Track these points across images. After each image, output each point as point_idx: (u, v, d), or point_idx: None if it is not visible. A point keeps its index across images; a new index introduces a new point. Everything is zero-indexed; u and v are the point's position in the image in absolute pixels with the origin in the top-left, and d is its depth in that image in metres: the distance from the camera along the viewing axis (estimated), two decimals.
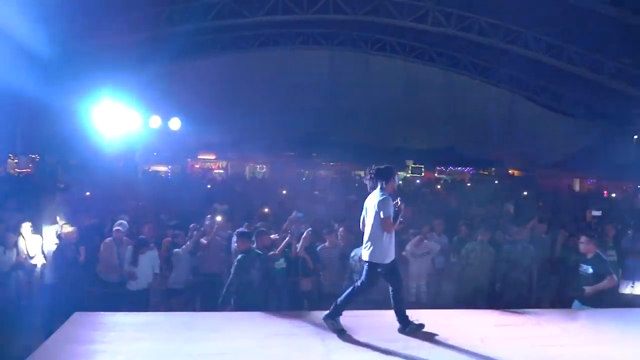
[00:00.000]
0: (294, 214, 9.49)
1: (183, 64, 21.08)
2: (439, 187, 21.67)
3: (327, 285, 7.42)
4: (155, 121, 17.94)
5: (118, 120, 14.72)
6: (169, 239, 8.59)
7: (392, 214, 4.87)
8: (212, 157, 28.00)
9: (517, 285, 7.44)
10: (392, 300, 5.06)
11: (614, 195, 18.91)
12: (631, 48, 17.69)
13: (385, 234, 4.89)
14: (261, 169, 28.06)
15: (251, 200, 13.58)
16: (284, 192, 16.84)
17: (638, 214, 11.71)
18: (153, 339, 4.86)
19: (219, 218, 8.38)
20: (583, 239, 6.40)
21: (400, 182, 25.40)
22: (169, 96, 18.98)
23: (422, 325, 5.00)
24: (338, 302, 5.02)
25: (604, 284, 5.96)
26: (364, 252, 5.03)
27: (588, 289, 5.97)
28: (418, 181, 24.24)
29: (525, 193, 19.39)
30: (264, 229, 7.38)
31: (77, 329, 5.03)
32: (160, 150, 22.60)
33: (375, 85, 23.23)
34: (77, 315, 5.33)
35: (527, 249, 7.64)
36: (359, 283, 5.05)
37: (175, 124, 18.84)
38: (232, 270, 6.44)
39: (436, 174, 28.13)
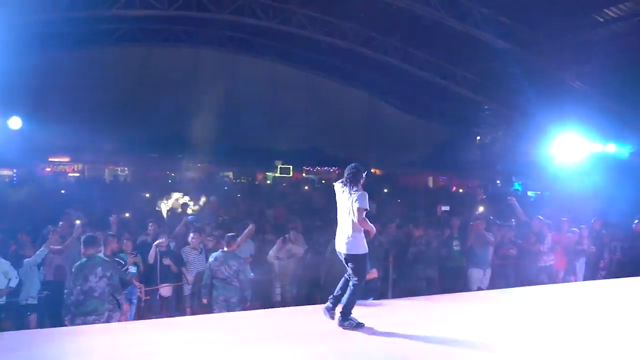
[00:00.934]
0: (185, 218, 9.37)
1: (32, 58, 19.01)
2: (306, 187, 22.17)
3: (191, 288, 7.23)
4: None
5: None
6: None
7: (368, 207, 5.15)
8: (66, 159, 25.74)
9: (375, 278, 7.86)
10: (347, 292, 5.20)
11: (460, 190, 20.85)
12: (473, 58, 19.67)
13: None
14: (122, 172, 26.40)
15: (110, 204, 12.71)
16: (147, 195, 16.07)
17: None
18: None
19: (78, 222, 7.79)
20: None
21: (269, 182, 25.70)
22: (8, 93, 17.00)
23: (362, 325, 5.17)
24: (344, 308, 5.18)
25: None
26: (345, 245, 5.18)
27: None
28: (285, 184, 24.49)
29: (385, 190, 20.62)
30: (112, 234, 7.01)
31: None
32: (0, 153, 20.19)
33: (242, 85, 23.02)
34: None
35: (382, 244, 8.10)
36: (355, 280, 5.17)
37: (15, 123, 16.89)
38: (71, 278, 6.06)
39: (304, 174, 28.73)
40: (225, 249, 7.22)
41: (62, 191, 17.48)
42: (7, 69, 16.77)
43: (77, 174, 25.45)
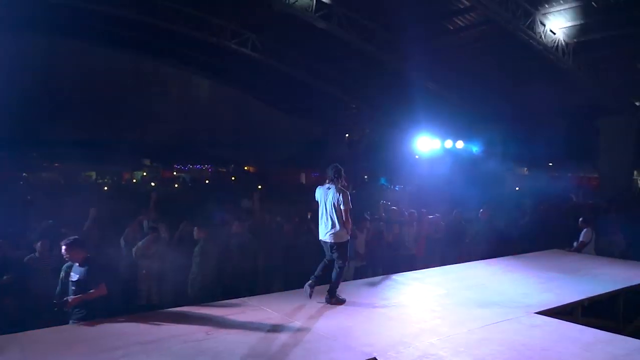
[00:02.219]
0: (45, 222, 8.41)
1: None
2: (176, 185, 21.44)
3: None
4: None
5: None
6: None
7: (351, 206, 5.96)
8: None
9: (246, 275, 7.87)
10: (332, 274, 6.07)
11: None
12: (341, 59, 20.45)
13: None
14: None
15: None
16: None
17: None
18: None
19: None
20: None
21: (135, 181, 24.44)
22: None
23: (344, 300, 6.06)
24: (331, 286, 6.06)
25: None
26: (330, 235, 5.99)
27: None
28: (153, 183, 23.42)
29: (259, 187, 20.59)
30: None
31: None
32: None
33: (103, 79, 21.52)
34: None
35: (252, 240, 8.11)
36: (340, 263, 6.05)
37: None
38: None
39: (175, 173, 27.76)
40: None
41: None
42: None
43: None
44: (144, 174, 25.68)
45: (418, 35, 16.48)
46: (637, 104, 17.47)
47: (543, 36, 14.47)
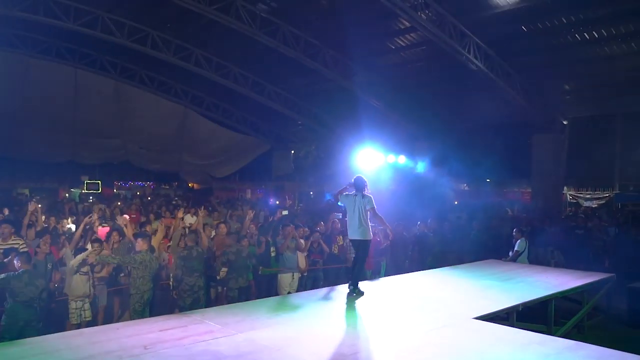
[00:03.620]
0: None
1: None
2: (119, 203, 20.62)
3: None
4: None
5: None
6: None
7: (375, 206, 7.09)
8: None
9: (193, 290, 7.70)
10: (355, 266, 7.24)
11: (277, 202, 21.48)
12: (285, 75, 20.59)
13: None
14: None
15: None
16: None
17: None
18: None
19: None
20: None
21: (75, 199, 23.38)
22: None
23: (363, 292, 7.09)
24: (354, 278, 7.16)
25: None
26: (357, 234, 7.08)
27: None
28: (91, 199, 22.52)
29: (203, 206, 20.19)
30: None
31: None
32: None
33: (37, 92, 20.56)
34: None
35: (200, 254, 7.96)
36: (362, 257, 7.23)
37: None
38: None
39: (115, 190, 26.82)
40: (26, 267, 6.48)
41: None
42: None
43: None
44: (82, 191, 24.65)
45: (362, 53, 16.88)
46: (564, 122, 18.54)
47: (478, 56, 15.17)
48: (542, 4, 13.28)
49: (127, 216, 10.19)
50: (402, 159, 18.07)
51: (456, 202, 19.58)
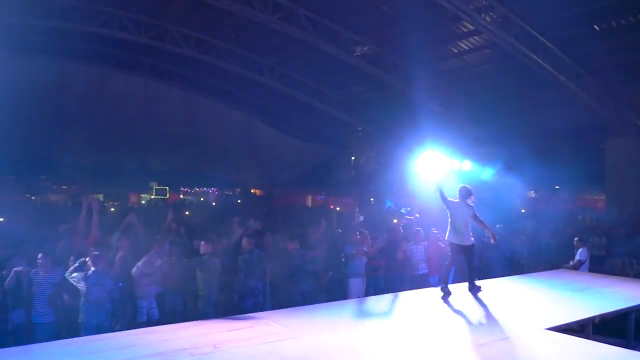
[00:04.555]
0: None
1: None
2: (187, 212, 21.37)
3: None
4: None
5: None
6: None
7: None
8: None
9: (254, 292, 7.87)
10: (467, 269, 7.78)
11: (338, 208, 21.63)
12: (346, 82, 20.70)
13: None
14: None
15: None
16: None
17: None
18: None
19: None
20: None
21: (144, 202, 24.54)
22: None
23: (480, 288, 7.64)
24: (469, 279, 7.68)
25: None
26: (457, 239, 7.61)
27: None
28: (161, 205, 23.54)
29: (266, 210, 20.65)
30: None
31: None
32: None
33: (112, 102, 21.77)
34: None
35: (260, 257, 8.12)
36: (471, 260, 7.75)
37: None
38: None
39: (181, 195, 27.86)
40: (93, 268, 6.83)
41: None
42: None
43: None
44: (152, 196, 25.80)
45: (424, 58, 16.64)
46: None
47: (547, 58, 14.59)
48: (616, 2, 12.62)
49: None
50: (466, 165, 17.59)
51: (523, 210, 18.84)
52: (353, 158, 26.38)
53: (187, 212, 18.05)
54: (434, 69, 17.75)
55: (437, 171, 15.93)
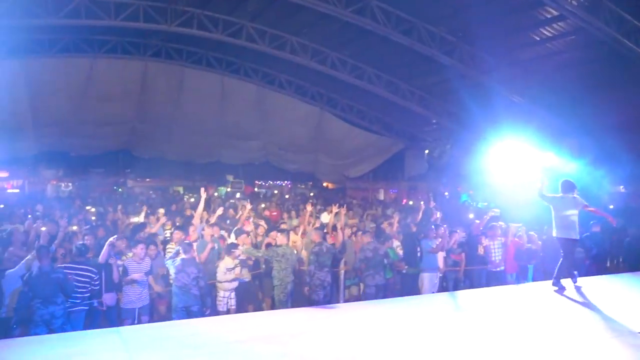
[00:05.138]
0: None
1: None
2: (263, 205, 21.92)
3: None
4: None
5: None
6: None
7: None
8: (5, 174, 24.57)
9: (323, 285, 7.93)
10: (561, 264, 7.57)
11: (411, 202, 21.26)
12: (419, 73, 20.29)
13: None
14: (66, 187, 25.38)
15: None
16: (92, 209, 15.57)
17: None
18: None
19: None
20: None
21: (222, 197, 25.37)
22: None
23: (565, 288, 7.43)
24: (556, 275, 7.56)
25: None
26: (563, 233, 7.55)
27: None
28: (238, 195, 24.25)
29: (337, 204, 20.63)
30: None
31: None
32: None
33: (189, 98, 22.65)
34: None
35: (330, 250, 8.16)
36: (565, 254, 7.56)
37: None
38: None
39: (256, 189, 28.56)
40: (184, 255, 7.19)
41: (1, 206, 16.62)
42: None
43: (17, 190, 24.29)
44: (228, 189, 26.68)
45: (502, 47, 15.99)
46: None
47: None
48: None
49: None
50: (550, 158, 16.69)
51: (611, 207, 17.64)
52: (427, 151, 25.81)
53: (262, 205, 18.45)
54: (513, 58, 16.98)
55: (516, 164, 15.32)
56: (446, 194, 23.92)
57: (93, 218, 13.43)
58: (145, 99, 22.36)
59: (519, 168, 15.40)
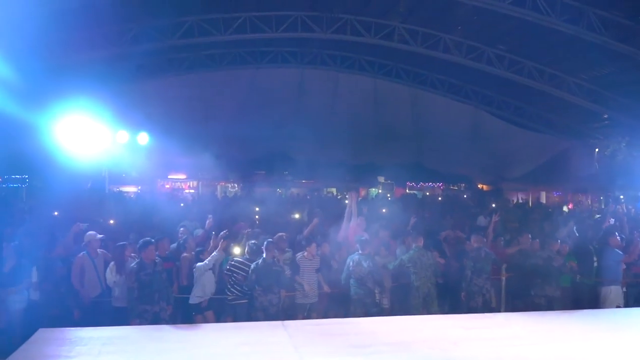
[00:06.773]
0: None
1: (150, 82, 20.94)
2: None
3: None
4: (123, 136, 17.34)
5: (86, 136, 14.05)
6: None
7: None
8: (183, 176, 27.67)
9: (482, 292, 7.65)
10: None
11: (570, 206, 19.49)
12: (588, 65, 18.49)
13: None
14: (232, 188, 27.80)
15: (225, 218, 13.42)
16: (257, 209, 16.77)
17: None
18: (121, 351, 4.75)
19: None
20: None
21: (371, 197, 25.75)
22: (136, 112, 18.65)
23: None
24: None
25: None
26: None
27: None
28: (389, 196, 24.36)
29: (493, 205, 19.70)
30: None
31: (41, 346, 4.87)
32: (129, 171, 22.18)
33: (343, 102, 23.37)
34: (41, 332, 5.16)
35: (488, 256, 7.83)
36: None
37: (143, 138, 18.31)
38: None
39: (407, 190, 28.37)
40: (360, 252, 7.72)
41: (182, 204, 18.70)
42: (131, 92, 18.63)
43: (193, 191, 27.18)
44: (379, 190, 26.91)
45: None
46: None
47: None
48: None
49: None
50: None
51: None
52: (597, 150, 23.37)
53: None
54: None
55: None
56: (622, 197, 21.45)
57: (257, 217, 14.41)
58: (303, 103, 23.60)
59: None
